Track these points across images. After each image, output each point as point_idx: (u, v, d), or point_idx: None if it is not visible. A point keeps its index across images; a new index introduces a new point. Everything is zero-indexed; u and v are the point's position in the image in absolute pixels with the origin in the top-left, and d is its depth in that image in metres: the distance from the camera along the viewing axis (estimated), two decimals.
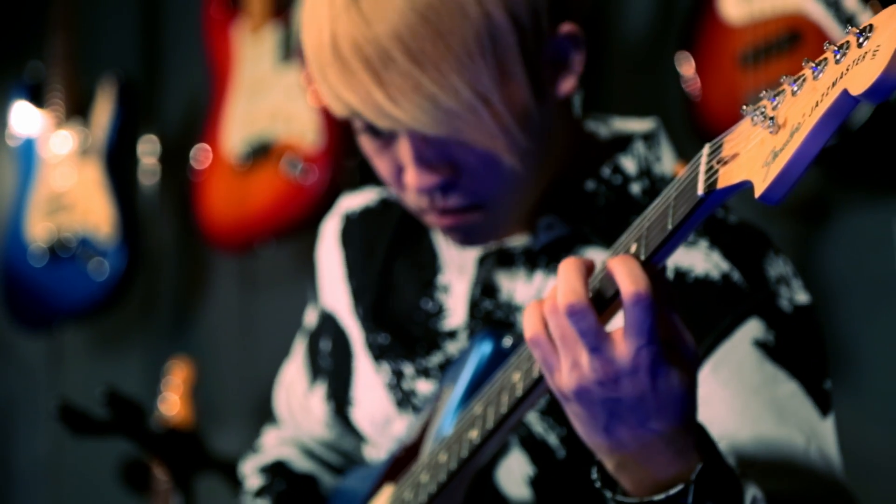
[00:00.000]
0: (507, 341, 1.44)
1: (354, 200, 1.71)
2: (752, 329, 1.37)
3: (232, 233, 3.54)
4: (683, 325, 1.16)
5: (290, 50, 3.40)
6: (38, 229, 3.96)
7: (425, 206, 1.42)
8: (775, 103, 1.02)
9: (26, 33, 4.38)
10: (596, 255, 1.45)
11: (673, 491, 1.14)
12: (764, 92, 1.04)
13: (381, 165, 1.43)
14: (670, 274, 1.40)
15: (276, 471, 1.77)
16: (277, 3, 3.49)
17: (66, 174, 3.94)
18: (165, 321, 4.03)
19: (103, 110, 3.89)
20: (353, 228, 1.69)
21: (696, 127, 2.61)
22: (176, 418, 3.35)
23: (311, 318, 1.76)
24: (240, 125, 3.50)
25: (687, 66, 2.61)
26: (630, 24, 2.95)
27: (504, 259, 1.49)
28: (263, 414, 3.56)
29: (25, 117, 4.08)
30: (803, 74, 1.00)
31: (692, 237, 1.41)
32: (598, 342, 1.14)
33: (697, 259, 1.40)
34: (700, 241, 1.41)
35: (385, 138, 1.40)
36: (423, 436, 1.49)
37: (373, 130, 1.40)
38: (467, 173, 1.39)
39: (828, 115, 0.96)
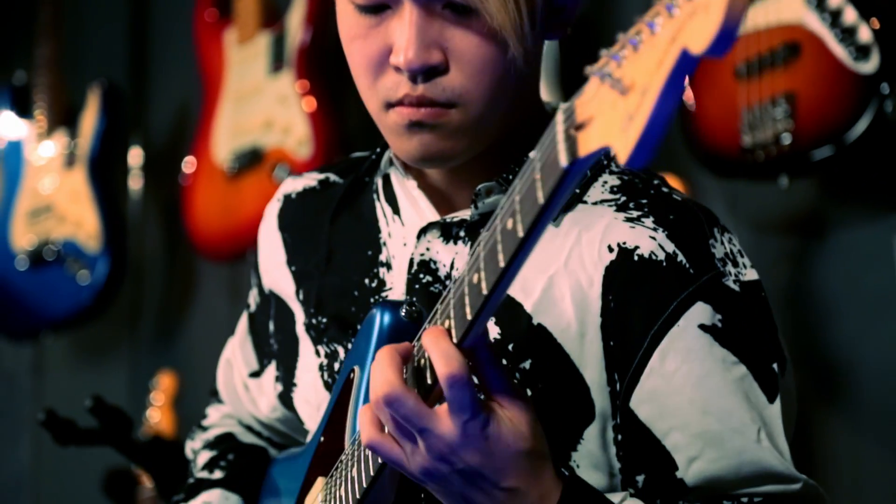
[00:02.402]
0: (404, 311, 1.41)
1: (295, 183, 1.67)
2: (699, 313, 1.34)
3: (220, 242, 3.53)
4: (506, 375, 1.22)
5: (282, 58, 3.39)
6: (23, 237, 3.94)
7: (401, 94, 1.36)
8: (619, 61, 1.00)
9: (13, 40, 4.36)
10: None
11: None
12: (604, 50, 1.02)
13: (364, 48, 1.38)
14: (615, 251, 1.38)
15: (225, 443, 1.74)
16: (268, 13, 3.48)
17: (51, 181, 3.91)
18: (151, 330, 4.01)
19: (90, 118, 3.86)
20: (292, 210, 1.65)
21: (693, 139, 2.61)
22: (160, 429, 3.32)
23: (251, 298, 1.72)
24: (229, 133, 3.49)
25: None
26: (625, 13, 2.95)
27: (445, 231, 1.46)
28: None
29: (11, 125, 4.06)
30: (640, 29, 0.99)
31: (637, 214, 1.39)
32: (423, 423, 1.20)
33: (643, 238, 1.37)
34: (645, 219, 1.39)
35: (379, 16, 1.36)
36: (341, 420, 1.45)
37: (367, 6, 1.36)
38: (458, 65, 1.35)
39: (673, 75, 0.95)
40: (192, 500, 1.69)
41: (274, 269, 1.65)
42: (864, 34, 2.34)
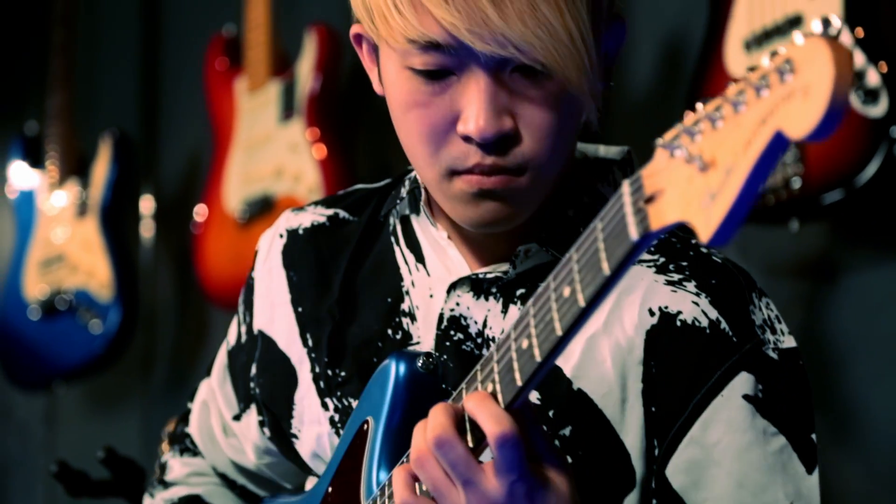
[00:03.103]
0: (421, 362, 1.38)
1: (300, 218, 1.59)
2: (743, 384, 1.34)
3: (231, 289, 3.52)
4: (548, 438, 1.21)
5: (293, 106, 3.40)
6: (35, 286, 3.94)
7: (471, 163, 1.31)
8: (694, 136, 1.00)
9: (25, 90, 4.39)
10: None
11: None
12: (678, 124, 1.01)
13: (427, 116, 1.32)
14: (656, 316, 1.36)
15: None
16: (278, 61, 3.50)
17: (63, 231, 3.92)
18: (163, 378, 4.00)
19: (101, 167, 3.88)
20: (300, 248, 1.57)
21: None
22: None
23: (233, 334, 1.65)
24: (240, 181, 3.49)
25: None
26: (635, 77, 2.95)
27: (476, 286, 1.42)
28: None
29: (23, 174, 4.08)
30: (720, 105, 0.98)
31: (678, 277, 1.38)
32: (469, 474, 1.18)
33: (685, 303, 1.36)
34: (687, 283, 1.38)
35: (442, 83, 1.31)
36: (354, 471, 1.42)
37: (429, 72, 1.30)
38: (528, 130, 1.31)
39: (764, 157, 0.95)
40: None
41: (271, 308, 1.57)
42: (873, 78, 2.34)
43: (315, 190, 3.29)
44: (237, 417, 1.64)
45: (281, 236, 1.59)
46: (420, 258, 1.48)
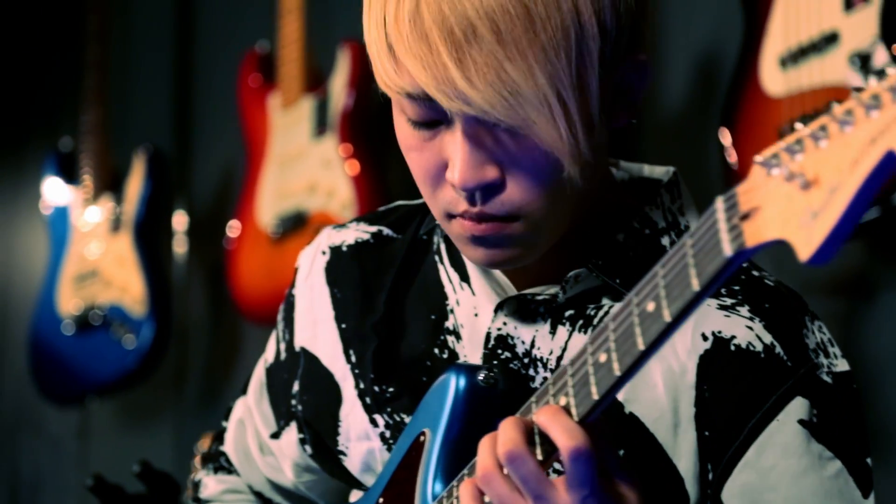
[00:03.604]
0: (482, 376, 1.38)
1: (342, 235, 1.58)
2: (798, 408, 1.34)
3: (264, 305, 3.53)
4: (618, 454, 1.21)
5: (326, 122, 3.41)
6: (69, 301, 3.96)
7: (461, 209, 1.32)
8: (795, 155, 0.99)
9: (59, 107, 4.42)
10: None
11: None
12: (781, 142, 1.01)
13: (421, 160, 1.33)
14: (709, 340, 1.36)
15: None
16: (312, 77, 3.51)
17: (97, 246, 3.94)
18: (196, 394, 4.02)
19: (135, 183, 3.90)
20: (344, 265, 1.56)
21: None
22: None
23: (271, 351, 1.64)
24: (273, 197, 3.51)
25: (728, 139, 2.60)
26: (669, 94, 2.95)
27: (524, 307, 1.42)
28: None
29: (57, 190, 4.10)
30: (825, 125, 0.97)
31: (731, 301, 1.37)
32: (541, 489, 1.17)
33: (739, 328, 1.35)
34: (740, 308, 1.37)
35: (433, 130, 1.31)
36: (408, 483, 1.41)
37: (420, 122, 1.31)
38: (515, 179, 1.30)
39: (872, 176, 0.94)
40: None
41: (315, 325, 1.57)
42: None
43: (348, 205, 3.30)
44: (275, 435, 1.63)
45: (324, 253, 1.58)
46: (465, 277, 1.48)
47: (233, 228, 3.63)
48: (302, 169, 3.45)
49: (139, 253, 3.85)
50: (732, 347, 1.35)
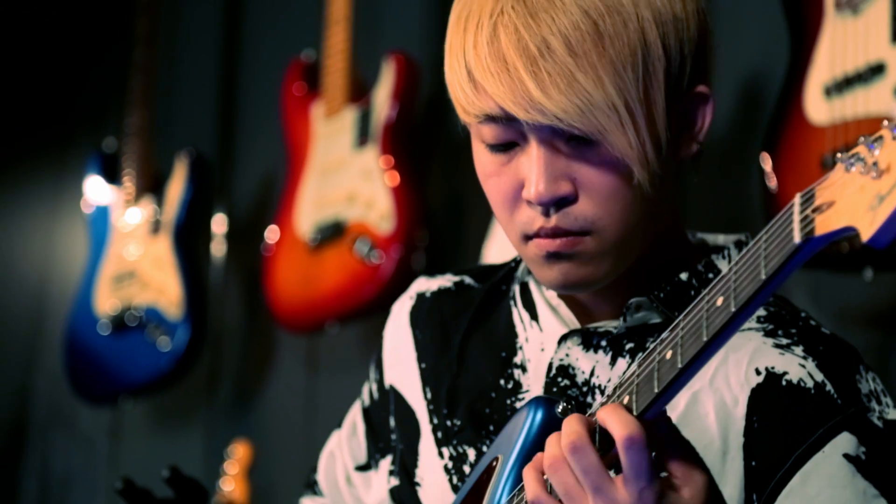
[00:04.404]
0: (560, 408, 1.41)
1: (429, 283, 1.71)
2: (845, 443, 1.36)
3: (299, 313, 3.55)
4: (687, 451, 1.25)
5: (368, 133, 3.42)
6: (106, 301, 3.99)
7: (536, 226, 1.40)
8: (874, 149, 1.02)
9: (105, 108, 4.45)
10: None
11: None
12: (862, 138, 1.04)
13: (498, 184, 1.42)
14: (762, 375, 1.39)
15: None
16: (355, 88, 3.52)
17: (136, 248, 3.97)
18: (228, 399, 4.03)
19: (176, 187, 3.92)
20: (426, 309, 1.68)
21: None
22: (233, 498, 3.33)
23: (366, 393, 1.74)
24: (313, 205, 3.52)
25: (769, 165, 2.59)
26: (713, 121, 2.94)
27: (586, 339, 1.49)
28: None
29: (99, 190, 4.13)
30: None
31: (786, 341, 1.41)
32: (600, 481, 1.23)
33: (792, 365, 1.39)
34: (795, 347, 1.41)
35: (509, 153, 1.40)
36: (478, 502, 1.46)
37: (498, 144, 1.41)
38: (587, 193, 1.38)
39: None
40: None
41: (399, 364, 1.67)
42: None
43: (387, 217, 3.31)
44: (362, 468, 1.73)
45: (411, 298, 1.71)
46: (534, 316, 1.56)
47: (271, 235, 3.64)
48: (342, 178, 3.47)
49: (177, 256, 3.87)
50: (784, 383, 1.39)
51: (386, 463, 1.68)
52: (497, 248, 2.95)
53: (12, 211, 4.75)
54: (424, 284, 1.71)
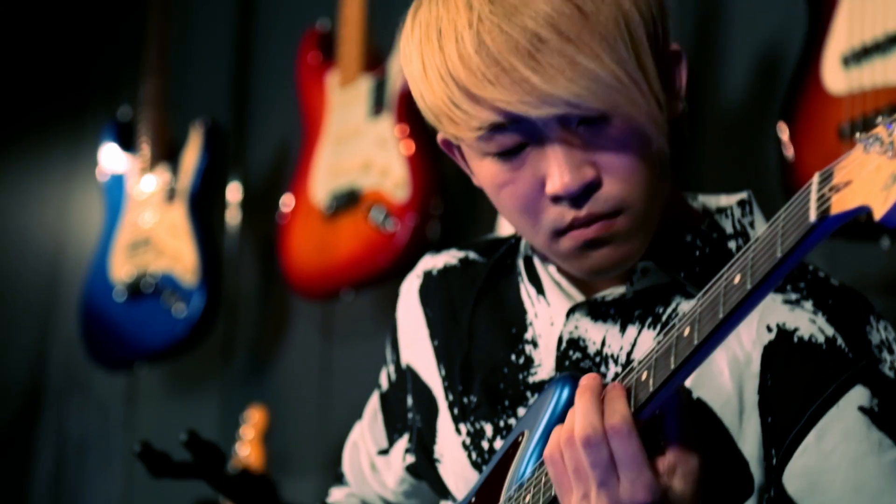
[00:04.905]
0: None
1: (435, 261, 1.71)
2: (857, 396, 1.37)
3: (314, 280, 3.56)
4: (687, 427, 1.28)
5: (383, 102, 3.43)
6: (122, 268, 4.01)
7: (569, 219, 1.39)
8: (891, 129, 1.04)
9: (120, 77, 4.46)
10: (690, 306, 1.45)
11: None
12: (881, 118, 1.05)
13: (516, 191, 1.40)
14: (773, 332, 1.41)
15: None
16: (371, 57, 3.53)
17: (151, 215, 3.98)
18: (243, 365, 4.05)
19: (191, 155, 3.93)
20: (434, 287, 1.69)
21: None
22: (248, 462, 3.35)
23: (384, 378, 1.76)
24: (328, 174, 3.53)
25: (786, 134, 2.60)
26: (729, 90, 2.95)
27: (594, 309, 1.49)
28: (335, 465, 3.56)
29: (114, 158, 4.14)
30: None
31: (795, 296, 1.42)
32: (607, 477, 1.25)
33: (803, 321, 1.40)
34: (804, 302, 1.42)
35: (520, 156, 1.38)
36: (500, 482, 1.47)
37: (506, 151, 1.38)
38: (610, 173, 1.38)
39: None
40: None
41: (414, 343, 1.68)
42: None
43: (401, 185, 3.32)
44: (384, 452, 1.75)
45: (419, 277, 1.71)
46: (541, 290, 1.56)
47: (286, 203, 3.65)
48: (357, 147, 3.48)
49: (192, 223, 3.88)
50: (795, 339, 1.40)
51: (402, 441, 1.70)
52: None
53: (28, 179, 4.76)
54: (430, 262, 1.71)
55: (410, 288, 1.71)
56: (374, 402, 1.78)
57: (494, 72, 1.32)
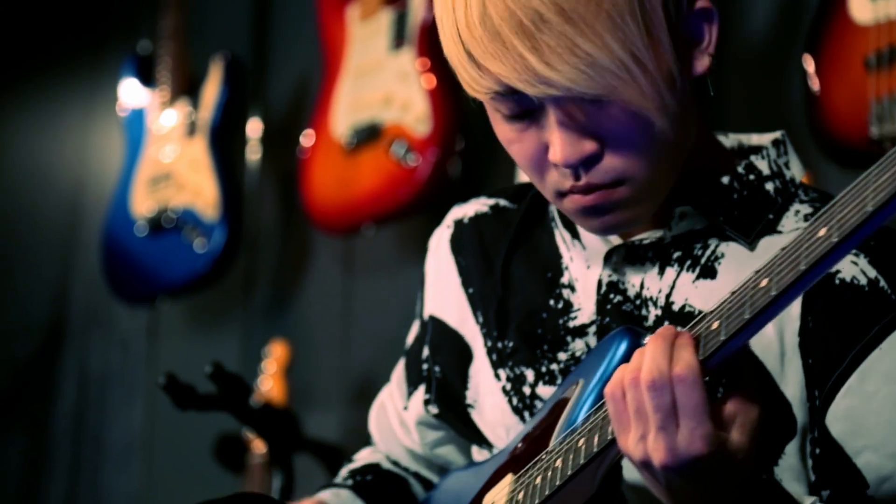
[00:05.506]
0: (646, 340, 1.40)
1: (464, 209, 1.70)
2: None
3: (335, 215, 3.57)
4: (749, 380, 1.27)
5: (404, 35, 3.41)
6: (143, 203, 4.01)
7: (568, 185, 1.39)
8: None
9: (139, 11, 4.44)
10: (729, 249, 1.44)
11: None
12: None
13: (522, 150, 1.40)
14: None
15: (368, 466, 1.78)
16: None
17: (172, 150, 3.98)
18: (265, 299, 4.07)
19: (211, 89, 3.92)
20: (466, 235, 1.68)
21: (818, 128, 2.59)
22: (271, 396, 3.38)
23: (411, 337, 1.76)
24: (348, 108, 3.52)
25: (812, 66, 2.58)
26: (753, 25, 2.92)
27: (632, 253, 1.49)
28: (357, 399, 3.58)
29: (134, 93, 4.14)
30: None
31: None
32: (667, 422, 1.24)
33: (844, 262, 1.39)
34: None
35: (527, 120, 1.38)
36: (551, 427, 1.47)
37: (514, 115, 1.38)
38: (611, 147, 1.37)
39: None
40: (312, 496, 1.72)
41: (443, 293, 1.68)
42: None
43: (423, 119, 3.31)
44: (406, 407, 1.74)
45: (449, 227, 1.70)
46: (575, 235, 1.56)
47: (307, 137, 3.65)
48: (378, 81, 3.46)
49: (213, 158, 3.88)
50: (837, 281, 1.39)
51: (419, 393, 1.70)
52: None
53: (48, 114, 4.76)
54: (460, 211, 1.70)
55: (441, 239, 1.71)
56: (401, 363, 1.78)
57: (496, 46, 1.32)
